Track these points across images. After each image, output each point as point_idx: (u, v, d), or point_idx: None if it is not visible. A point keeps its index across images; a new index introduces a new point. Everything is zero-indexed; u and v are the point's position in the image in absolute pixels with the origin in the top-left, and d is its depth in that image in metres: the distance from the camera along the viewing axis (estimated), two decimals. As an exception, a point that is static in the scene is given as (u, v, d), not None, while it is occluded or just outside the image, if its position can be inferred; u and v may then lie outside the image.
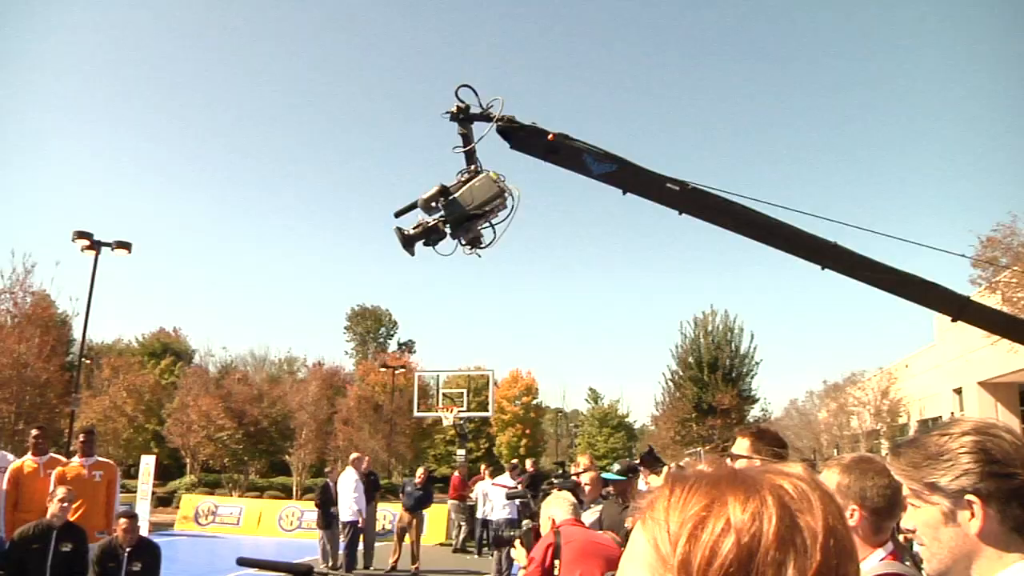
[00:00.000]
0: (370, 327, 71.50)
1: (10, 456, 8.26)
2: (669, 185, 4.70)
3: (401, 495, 16.49)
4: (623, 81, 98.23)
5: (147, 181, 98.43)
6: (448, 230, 4.30)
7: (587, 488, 6.40)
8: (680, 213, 4.83)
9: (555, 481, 5.07)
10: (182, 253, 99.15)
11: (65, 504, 7.17)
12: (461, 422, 24.17)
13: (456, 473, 19.24)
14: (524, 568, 4.38)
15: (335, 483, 14.43)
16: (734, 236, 5.06)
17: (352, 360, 63.41)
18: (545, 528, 4.28)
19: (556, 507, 4.31)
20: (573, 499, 4.47)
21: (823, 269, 5.10)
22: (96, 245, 19.52)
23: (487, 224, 4.32)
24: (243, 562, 4.21)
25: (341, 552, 13.97)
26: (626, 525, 6.00)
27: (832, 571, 0.76)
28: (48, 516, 7.15)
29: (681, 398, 36.91)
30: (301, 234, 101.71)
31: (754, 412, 37.75)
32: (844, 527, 0.81)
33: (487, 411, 31.52)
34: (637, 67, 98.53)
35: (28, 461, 7.93)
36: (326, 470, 19.04)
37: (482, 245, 4.37)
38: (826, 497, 0.82)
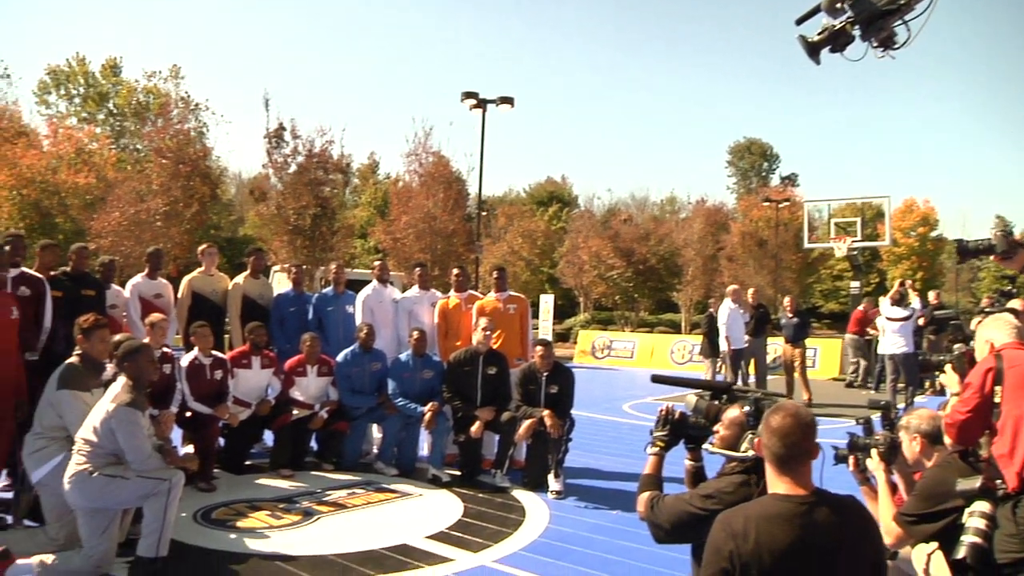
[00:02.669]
0: (753, 162, 69.41)
1: (438, 293, 9.24)
2: None
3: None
4: None
5: (524, 36, 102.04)
6: (857, 32, 3.89)
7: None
8: None
9: (990, 308, 4.56)
10: (562, 103, 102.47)
11: (487, 332, 7.94)
12: (855, 252, 22.88)
13: (860, 307, 18.40)
14: (955, 395, 4.07)
15: (716, 314, 14.61)
16: None
17: (734, 196, 62.32)
18: (981, 353, 3.88)
19: (995, 329, 3.84)
20: (1016, 321, 3.96)
21: None
22: (482, 103, 20.72)
23: (900, 21, 3.84)
24: (658, 379, 4.34)
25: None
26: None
27: None
28: (474, 343, 7.98)
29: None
30: (680, 71, 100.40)
31: None
32: None
33: (882, 241, 29.06)
34: None
35: (452, 297, 8.85)
36: (709, 301, 19.25)
37: (895, 46, 3.88)
38: None
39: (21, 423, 5.59)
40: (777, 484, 2.58)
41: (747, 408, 3.33)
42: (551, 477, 7.33)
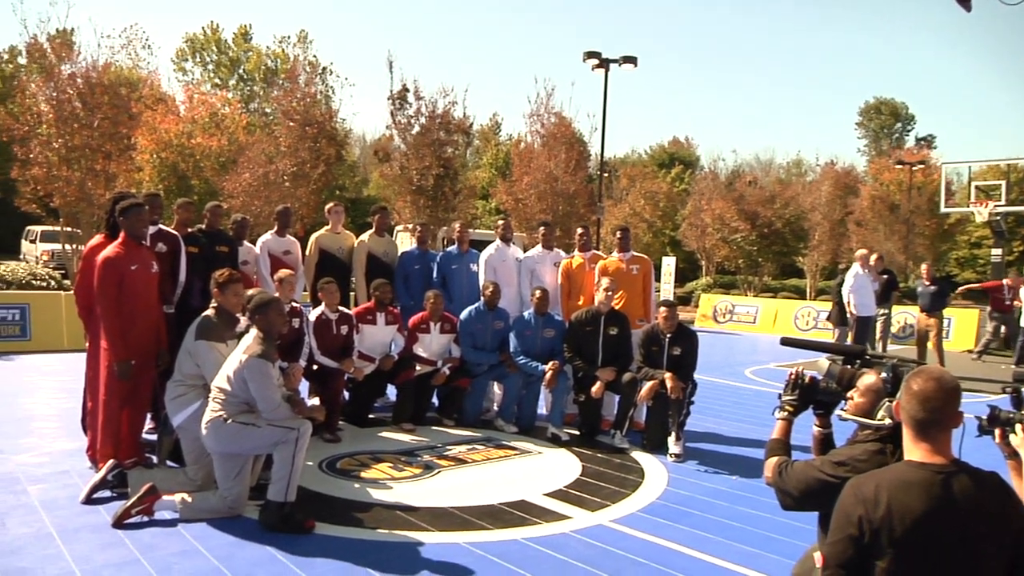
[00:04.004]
0: (884, 122, 66.16)
1: (561, 253, 9.19)
2: None
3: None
4: None
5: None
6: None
7: None
8: None
9: None
10: (686, 63, 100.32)
11: (609, 293, 7.85)
12: (997, 217, 21.58)
13: (1007, 279, 17.35)
14: None
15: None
16: None
17: (864, 158, 59.69)
18: None
19: None
20: None
21: None
22: (605, 63, 20.49)
23: None
24: (788, 342, 4.19)
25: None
26: None
27: None
28: (596, 304, 7.92)
29: None
30: (807, 29, 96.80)
31: None
32: None
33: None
34: None
35: (576, 256, 8.79)
36: (839, 267, 18.55)
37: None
38: None
39: (163, 371, 5.89)
40: (913, 451, 2.45)
41: (884, 375, 3.15)
42: (671, 440, 7.25)
